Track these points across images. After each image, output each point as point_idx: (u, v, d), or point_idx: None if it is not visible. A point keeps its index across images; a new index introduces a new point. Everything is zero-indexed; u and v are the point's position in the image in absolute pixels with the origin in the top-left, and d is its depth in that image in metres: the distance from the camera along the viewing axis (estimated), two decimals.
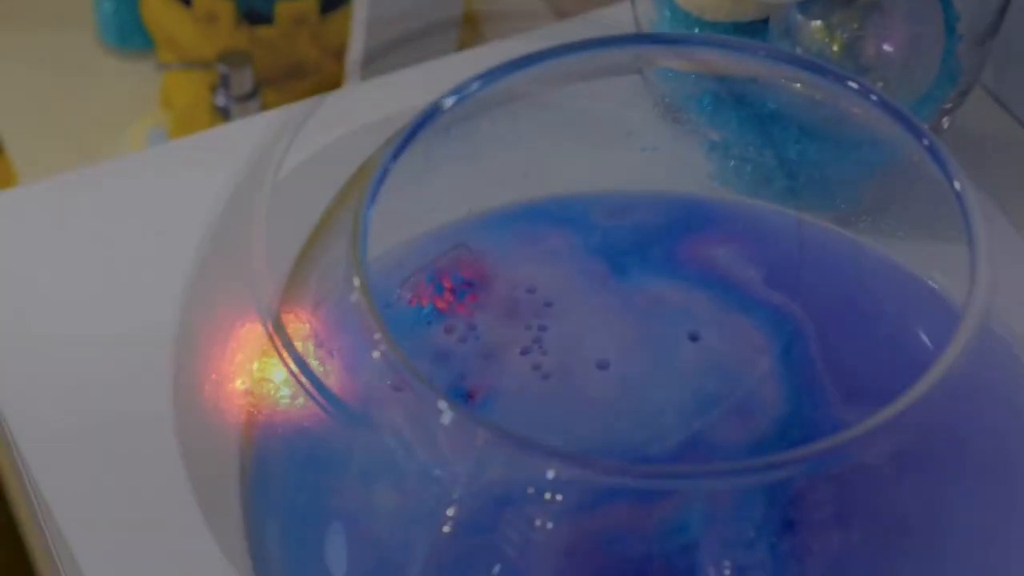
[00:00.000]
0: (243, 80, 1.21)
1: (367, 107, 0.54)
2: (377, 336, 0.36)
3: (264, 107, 1.18)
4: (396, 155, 0.39)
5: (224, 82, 1.21)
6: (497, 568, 0.37)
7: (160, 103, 1.38)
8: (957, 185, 0.39)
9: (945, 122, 0.62)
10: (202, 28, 1.28)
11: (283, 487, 0.39)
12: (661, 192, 0.50)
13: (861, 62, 0.57)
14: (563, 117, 0.49)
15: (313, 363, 0.39)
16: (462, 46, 1.27)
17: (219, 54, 1.22)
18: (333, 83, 1.07)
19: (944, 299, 0.44)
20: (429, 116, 0.40)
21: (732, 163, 0.58)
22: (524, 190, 0.49)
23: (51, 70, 1.43)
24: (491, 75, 0.41)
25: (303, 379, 0.38)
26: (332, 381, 0.38)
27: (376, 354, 0.36)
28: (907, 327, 0.42)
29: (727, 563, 0.37)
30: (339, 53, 1.18)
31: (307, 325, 0.39)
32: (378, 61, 0.99)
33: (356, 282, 0.36)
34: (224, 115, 1.21)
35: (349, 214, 0.38)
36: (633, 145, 0.50)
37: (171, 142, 0.71)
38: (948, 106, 0.61)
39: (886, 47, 0.57)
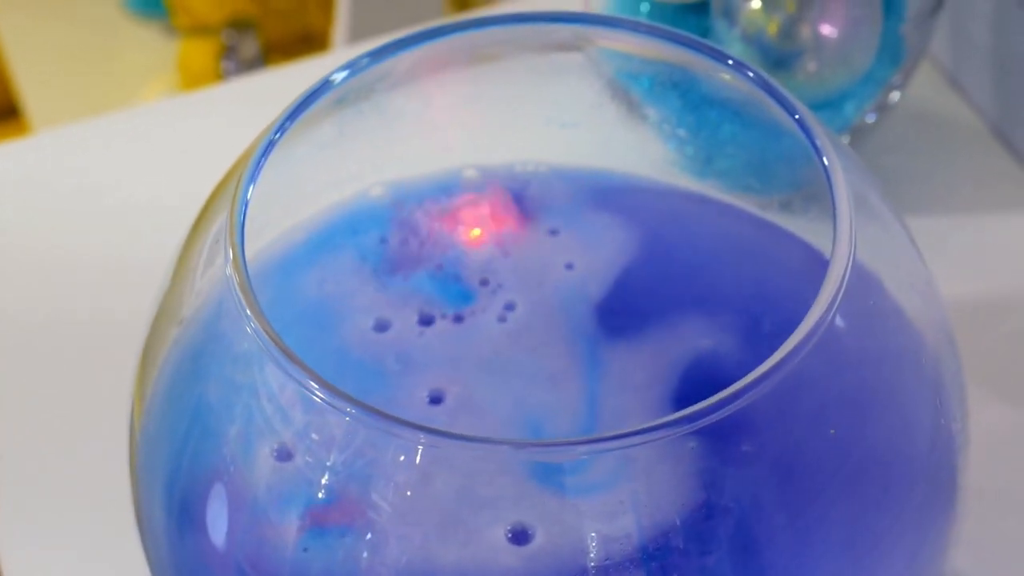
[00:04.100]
0: (249, 47, 1.21)
1: None
2: (248, 312, 0.35)
3: None
4: (281, 129, 0.38)
5: (230, 49, 1.21)
6: (369, 535, 0.36)
7: (177, 68, 1.38)
8: (825, 161, 0.38)
9: (893, 97, 0.61)
10: None
11: (167, 450, 0.39)
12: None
13: (797, 44, 0.56)
14: (491, 92, 0.48)
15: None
16: (457, 9, 1.26)
17: (225, 21, 1.22)
18: None
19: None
20: (317, 91, 0.39)
21: (672, 143, 0.57)
22: (449, 162, 0.49)
23: (74, 34, 1.43)
24: (384, 50, 0.40)
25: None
26: (214, 347, 0.38)
27: (248, 329, 0.35)
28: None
29: (596, 536, 0.36)
30: None
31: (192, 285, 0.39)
32: (365, 25, 0.98)
33: (230, 254, 0.36)
34: None
35: (231, 185, 0.37)
36: (559, 122, 0.50)
37: (170, 99, 0.71)
38: (897, 80, 0.60)
39: (822, 29, 0.55)
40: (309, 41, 1.31)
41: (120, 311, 0.60)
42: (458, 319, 0.44)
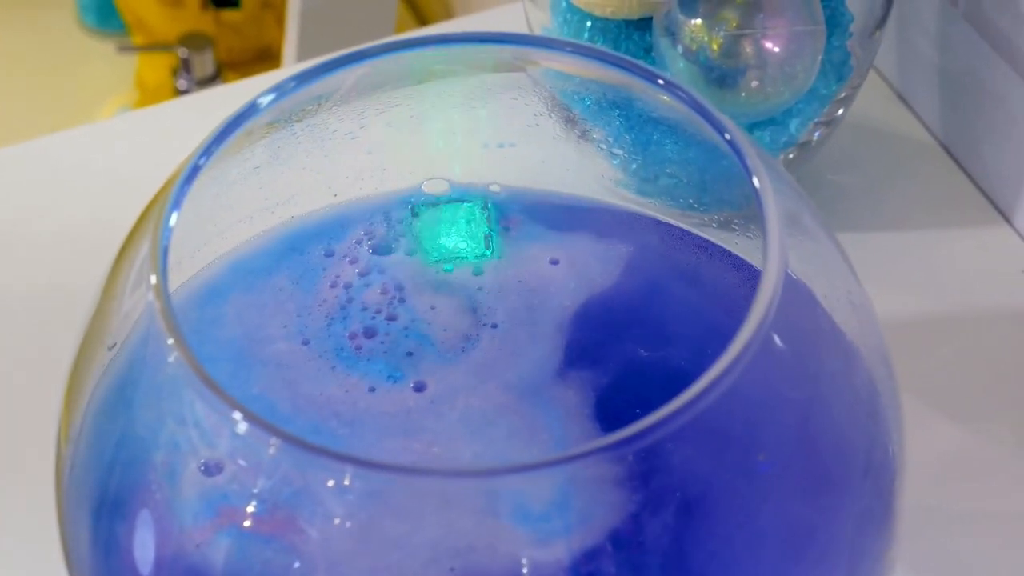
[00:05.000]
0: (204, 63, 1.20)
1: None
2: (170, 342, 0.35)
3: None
4: (207, 153, 0.37)
5: (185, 65, 1.20)
6: (297, 563, 0.36)
7: (134, 85, 1.37)
8: (756, 182, 0.37)
9: (839, 113, 0.60)
10: (169, 11, 1.27)
11: (93, 478, 0.38)
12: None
13: (740, 61, 0.55)
14: (429, 112, 0.48)
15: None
16: (413, 26, 1.26)
17: (180, 37, 1.21)
18: None
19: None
20: (243, 115, 0.38)
21: (615, 162, 0.56)
22: (385, 184, 0.48)
23: (31, 50, 1.42)
24: (314, 71, 0.39)
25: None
26: (139, 375, 0.37)
27: (171, 358, 0.35)
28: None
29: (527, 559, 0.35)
30: None
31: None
32: (315, 44, 0.98)
33: (152, 280, 0.35)
34: None
35: (155, 211, 0.37)
36: (499, 142, 0.49)
37: (123, 114, 0.70)
38: (843, 96, 0.60)
39: (765, 46, 0.55)
40: (265, 57, 1.30)
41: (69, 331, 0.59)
42: (401, 354, 0.43)
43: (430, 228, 0.45)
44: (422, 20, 1.27)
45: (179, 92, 1.22)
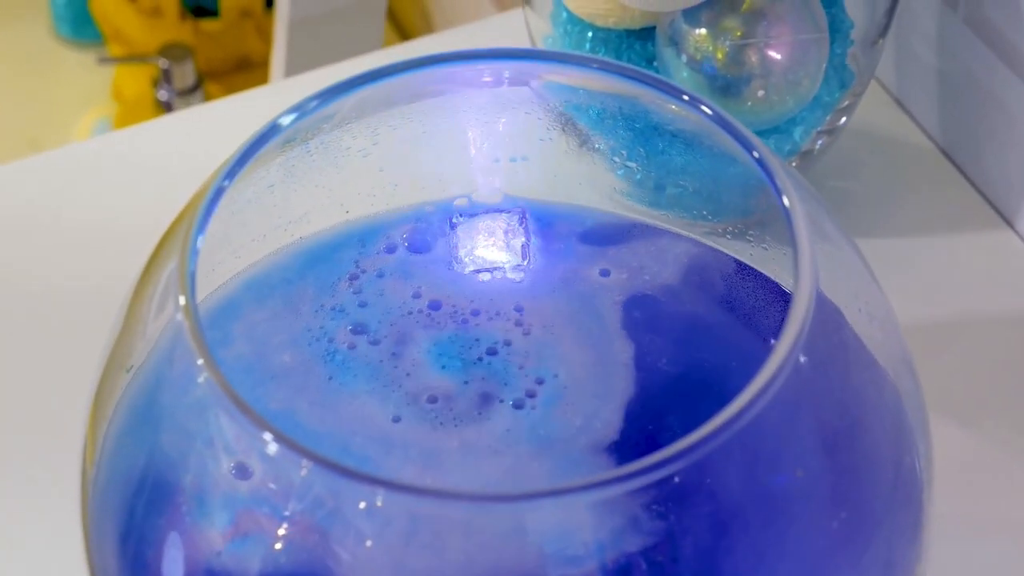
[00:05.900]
0: (185, 74, 1.19)
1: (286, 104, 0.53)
2: (200, 362, 0.34)
3: (207, 101, 1.17)
4: (231, 175, 0.37)
5: (166, 76, 1.20)
6: None
7: (111, 95, 1.36)
8: (785, 201, 0.37)
9: (842, 121, 0.60)
10: (147, 21, 1.27)
11: (122, 497, 0.38)
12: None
13: (744, 70, 0.55)
14: (439, 128, 0.48)
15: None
16: (398, 39, 1.26)
17: (160, 48, 1.20)
18: None
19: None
20: (265, 135, 0.38)
21: (621, 173, 0.56)
22: (395, 200, 0.48)
23: (5, 60, 1.41)
24: (332, 91, 0.39)
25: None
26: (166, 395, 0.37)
27: (201, 379, 0.35)
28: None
29: None
30: None
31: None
32: (302, 58, 0.98)
33: (181, 300, 0.35)
34: (167, 109, 1.20)
35: (180, 232, 0.37)
36: (509, 156, 0.49)
37: (109, 134, 0.70)
38: (845, 104, 0.60)
39: (769, 55, 0.55)
40: (245, 67, 1.30)
41: (65, 354, 0.59)
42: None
43: (466, 239, 0.45)
44: (404, 34, 1.27)
45: (160, 103, 1.21)
